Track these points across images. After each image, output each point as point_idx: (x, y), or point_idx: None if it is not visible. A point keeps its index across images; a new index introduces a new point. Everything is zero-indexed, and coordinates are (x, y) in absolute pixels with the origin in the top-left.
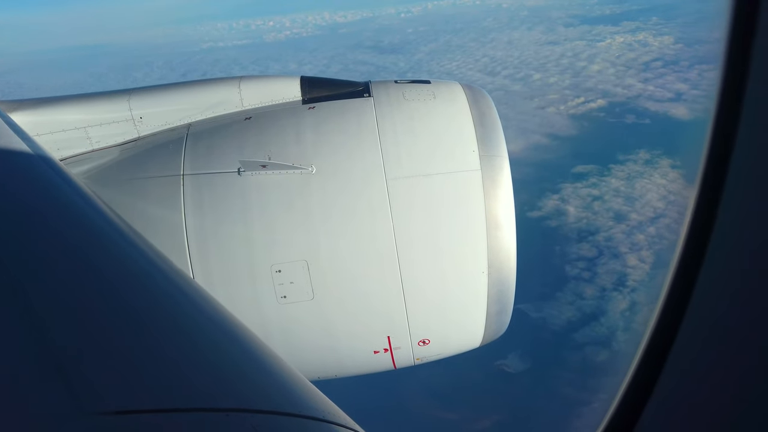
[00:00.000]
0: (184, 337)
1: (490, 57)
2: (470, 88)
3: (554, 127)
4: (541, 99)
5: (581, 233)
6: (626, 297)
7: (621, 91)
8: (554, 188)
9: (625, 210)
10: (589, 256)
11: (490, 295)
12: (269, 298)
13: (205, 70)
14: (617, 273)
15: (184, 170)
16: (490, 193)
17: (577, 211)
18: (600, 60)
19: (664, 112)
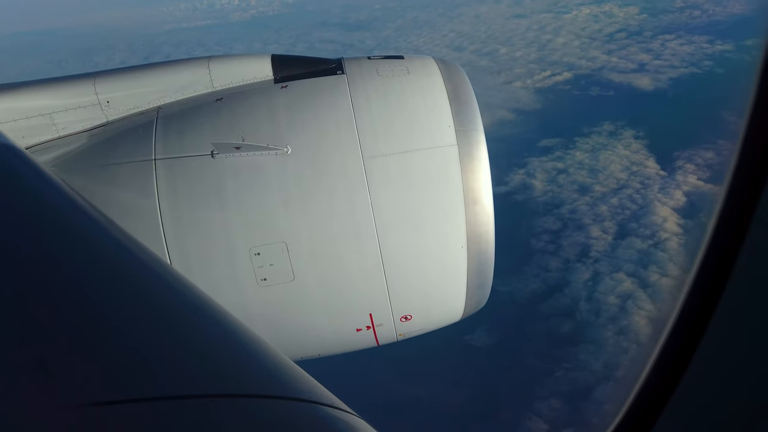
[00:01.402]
0: (163, 323)
1: (457, 32)
2: (444, 62)
3: (520, 102)
4: (508, 74)
5: (546, 206)
6: (589, 268)
7: (586, 63)
8: (520, 163)
9: (589, 182)
10: (553, 229)
11: (470, 268)
12: (249, 281)
13: (168, 53)
14: (581, 244)
15: (156, 155)
16: (467, 167)
17: (543, 185)
18: (565, 32)
19: (628, 83)
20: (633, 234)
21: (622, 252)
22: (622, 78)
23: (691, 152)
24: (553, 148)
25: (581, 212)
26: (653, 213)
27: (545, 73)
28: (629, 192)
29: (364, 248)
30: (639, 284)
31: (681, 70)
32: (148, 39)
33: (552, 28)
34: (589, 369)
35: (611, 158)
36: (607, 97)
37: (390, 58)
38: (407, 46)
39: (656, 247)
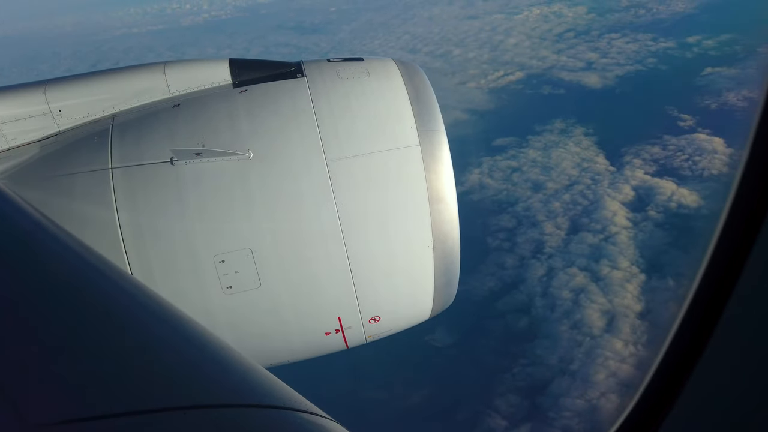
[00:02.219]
0: (127, 336)
1: (411, 34)
2: (404, 63)
3: (474, 102)
4: (462, 75)
5: (502, 204)
6: (543, 264)
7: (536, 63)
8: (476, 162)
9: (542, 179)
10: (509, 227)
11: (437, 267)
12: (214, 289)
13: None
14: (535, 241)
15: (113, 163)
16: (430, 167)
17: (498, 184)
18: (516, 33)
19: (578, 82)
20: (585, 229)
21: (575, 247)
22: (572, 76)
23: (638, 147)
24: (506, 147)
25: (535, 209)
26: (604, 208)
27: (498, 73)
28: (580, 188)
29: (331, 251)
30: (591, 278)
31: (627, 68)
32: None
33: (504, 29)
34: (545, 364)
35: (563, 155)
36: (558, 95)
37: (350, 60)
38: (362, 48)
39: (607, 241)
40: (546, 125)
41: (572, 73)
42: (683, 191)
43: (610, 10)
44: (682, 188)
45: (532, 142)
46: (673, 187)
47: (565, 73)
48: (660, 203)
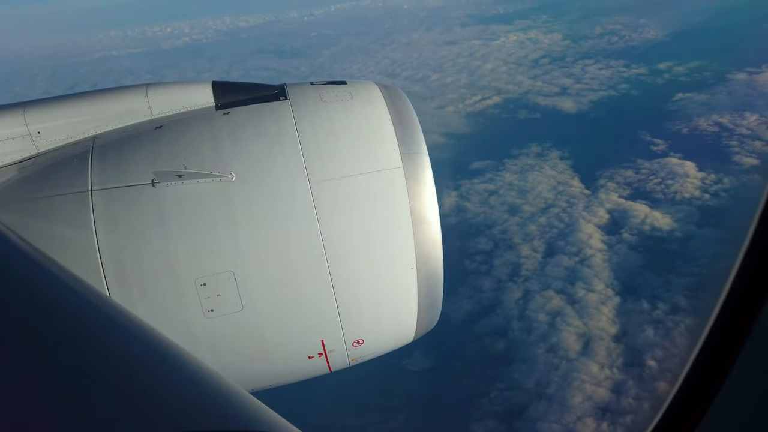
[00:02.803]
0: (106, 360)
1: (390, 59)
2: (386, 87)
3: (451, 126)
4: (440, 99)
5: (479, 227)
6: (520, 286)
7: (513, 87)
8: (453, 185)
9: (518, 202)
10: (486, 249)
11: (420, 289)
12: (195, 313)
13: (95, 81)
14: (512, 264)
15: (92, 185)
16: (413, 189)
17: (475, 207)
18: (493, 58)
19: (553, 106)
20: (561, 252)
21: (551, 270)
22: (548, 101)
23: (612, 171)
24: (484, 170)
25: (512, 232)
26: (579, 230)
27: (476, 98)
28: (556, 211)
29: (314, 273)
30: (567, 300)
31: (600, 93)
32: (73, 67)
33: (481, 54)
34: (522, 388)
35: (539, 179)
36: (534, 119)
37: (333, 83)
38: (342, 72)
39: (582, 263)
40: (522, 149)
41: (548, 98)
42: (656, 214)
43: (584, 38)
44: (655, 211)
45: (508, 165)
46: (646, 210)
47: (541, 98)
48: (634, 226)
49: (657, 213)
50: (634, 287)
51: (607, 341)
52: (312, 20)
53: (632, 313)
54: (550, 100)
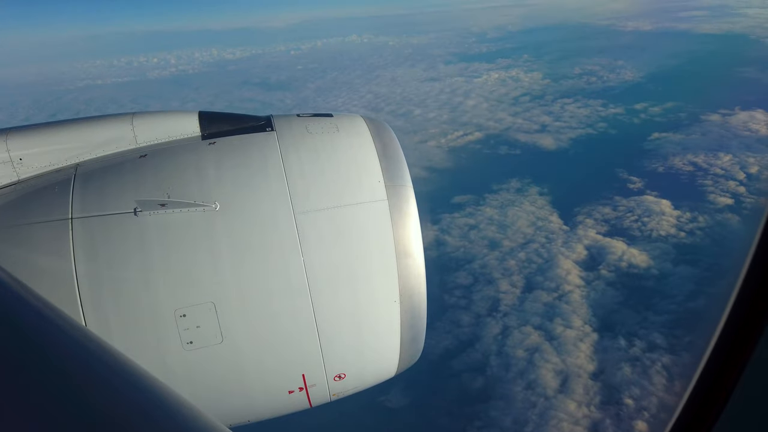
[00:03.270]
0: (80, 392)
1: (374, 93)
2: (372, 120)
3: (433, 160)
4: (422, 133)
5: (459, 262)
6: (499, 322)
7: (494, 124)
8: (434, 219)
9: (498, 237)
10: (465, 284)
11: (403, 323)
12: (174, 345)
13: (77, 110)
14: (491, 299)
15: (73, 213)
16: (397, 221)
17: (455, 241)
18: (475, 95)
19: (533, 143)
20: (539, 287)
21: (530, 305)
22: (528, 138)
23: (590, 207)
24: (464, 205)
25: (491, 267)
26: (557, 266)
27: (457, 133)
28: (535, 246)
29: (296, 306)
30: (545, 337)
31: (579, 131)
32: (56, 95)
33: (463, 91)
34: (500, 426)
35: (519, 214)
36: (514, 155)
37: (319, 115)
38: (326, 105)
39: (560, 299)
40: (503, 184)
41: (528, 135)
42: (633, 251)
43: (563, 77)
44: (632, 248)
45: (489, 200)
46: (623, 247)
47: (522, 135)
48: (611, 262)
49: (634, 250)
50: (611, 324)
51: (585, 379)
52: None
53: (610, 350)
54: (530, 137)
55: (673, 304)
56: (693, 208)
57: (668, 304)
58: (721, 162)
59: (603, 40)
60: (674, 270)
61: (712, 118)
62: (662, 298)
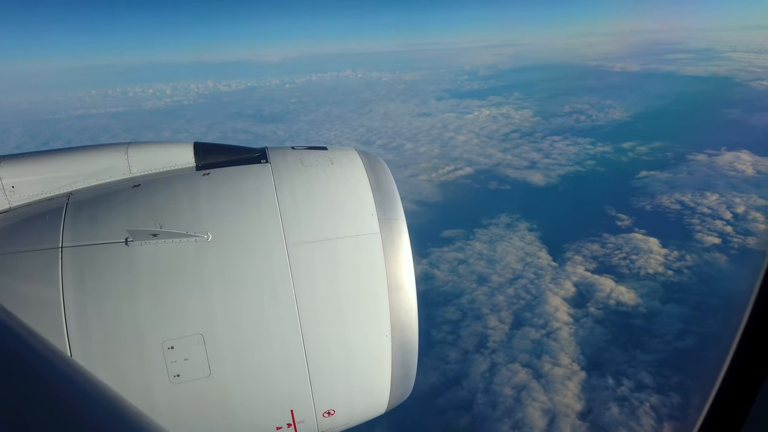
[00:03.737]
0: (63, 423)
1: (366, 127)
2: (366, 154)
3: (423, 194)
4: (413, 167)
5: (447, 296)
6: (486, 358)
7: (484, 159)
8: (424, 253)
9: (487, 272)
10: (453, 319)
11: (395, 358)
12: (160, 377)
13: (70, 138)
14: (479, 335)
15: (63, 242)
16: (390, 255)
17: (444, 275)
18: (466, 131)
19: (523, 179)
20: (527, 324)
21: (518, 342)
22: (518, 174)
23: (578, 244)
24: (454, 239)
25: (480, 302)
26: (546, 303)
27: (448, 168)
28: (524, 282)
29: (287, 339)
30: (533, 375)
31: (567, 168)
32: (50, 124)
33: (454, 126)
34: None
35: (508, 249)
36: (504, 191)
37: (314, 148)
38: (318, 138)
39: (549, 336)
40: (492, 219)
41: (518, 171)
42: (621, 288)
43: (553, 115)
44: (620, 285)
45: (478, 234)
46: (612, 285)
47: (511, 171)
48: (599, 300)
49: (622, 287)
50: (599, 362)
51: (572, 418)
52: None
53: (597, 389)
54: (519, 173)
55: (661, 343)
56: (681, 246)
57: (656, 343)
58: (708, 201)
59: (592, 80)
60: (662, 308)
61: (698, 157)
62: (650, 336)
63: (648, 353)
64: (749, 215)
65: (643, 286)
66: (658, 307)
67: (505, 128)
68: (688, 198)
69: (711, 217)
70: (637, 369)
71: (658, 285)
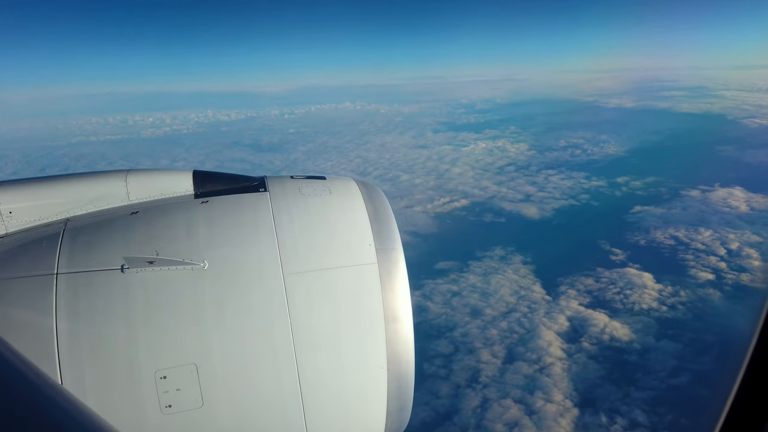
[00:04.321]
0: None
1: (363, 158)
2: (364, 184)
3: (418, 225)
4: (409, 199)
5: (440, 329)
6: (478, 394)
7: (479, 192)
8: (417, 284)
9: (480, 305)
10: (446, 353)
11: (390, 391)
12: (151, 407)
13: (67, 165)
14: (471, 369)
15: (59, 268)
16: (387, 285)
17: (437, 307)
18: (461, 163)
19: (518, 212)
20: (521, 358)
21: (510, 377)
22: (512, 206)
23: (572, 278)
24: (448, 271)
25: (473, 335)
26: (539, 337)
27: (444, 199)
28: (517, 316)
29: (281, 370)
30: (525, 411)
31: (562, 202)
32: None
33: (450, 158)
34: None
35: (502, 282)
36: (499, 223)
37: (312, 178)
38: (315, 168)
39: (542, 372)
40: (487, 251)
41: (512, 204)
42: (615, 324)
43: (549, 149)
44: (614, 321)
45: (472, 267)
46: (605, 320)
47: (506, 203)
48: (593, 335)
49: (616, 323)
50: (592, 399)
51: None
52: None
53: (590, 427)
54: (514, 206)
55: (655, 380)
56: (675, 282)
57: (651, 380)
58: (702, 237)
59: (588, 115)
60: (656, 344)
61: (692, 193)
62: (645, 373)
63: (642, 390)
64: (743, 251)
65: (637, 322)
66: (653, 343)
67: (500, 161)
68: (682, 233)
69: (705, 253)
70: (630, 406)
71: (652, 320)
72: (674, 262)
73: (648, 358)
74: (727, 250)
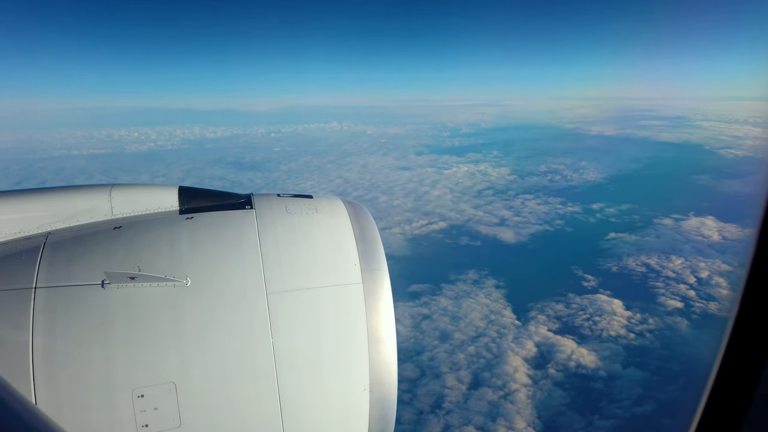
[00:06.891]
0: None
1: (343, 178)
2: (351, 203)
3: (392, 247)
4: (387, 220)
5: (408, 353)
6: (441, 420)
7: (456, 215)
8: None
9: (450, 329)
10: (411, 377)
11: (372, 414)
12: (128, 427)
13: (44, 178)
14: (435, 394)
15: (37, 282)
16: (371, 306)
17: (406, 330)
18: (441, 186)
19: (494, 236)
20: (486, 384)
21: (474, 403)
22: (489, 230)
23: (543, 303)
24: (420, 294)
25: (440, 360)
26: (506, 363)
27: (421, 222)
28: (486, 340)
29: (261, 390)
30: None
31: (537, 227)
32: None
33: (430, 181)
34: None
35: (473, 306)
36: (474, 246)
37: (299, 196)
38: (295, 187)
39: (506, 398)
40: (460, 274)
41: (489, 227)
42: (582, 350)
43: (529, 174)
44: (581, 347)
45: (445, 290)
46: (573, 346)
47: (483, 227)
48: (560, 361)
49: (583, 349)
50: (555, 428)
51: None
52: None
53: None
54: (491, 230)
55: (620, 408)
56: (644, 309)
57: (615, 408)
58: (673, 265)
59: (569, 142)
60: (623, 372)
61: (665, 221)
62: (609, 401)
63: (606, 419)
64: (713, 280)
65: (604, 349)
66: (619, 370)
67: (480, 185)
68: (654, 261)
69: (675, 281)
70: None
71: (620, 348)
72: (645, 289)
73: (613, 386)
74: (696, 279)
